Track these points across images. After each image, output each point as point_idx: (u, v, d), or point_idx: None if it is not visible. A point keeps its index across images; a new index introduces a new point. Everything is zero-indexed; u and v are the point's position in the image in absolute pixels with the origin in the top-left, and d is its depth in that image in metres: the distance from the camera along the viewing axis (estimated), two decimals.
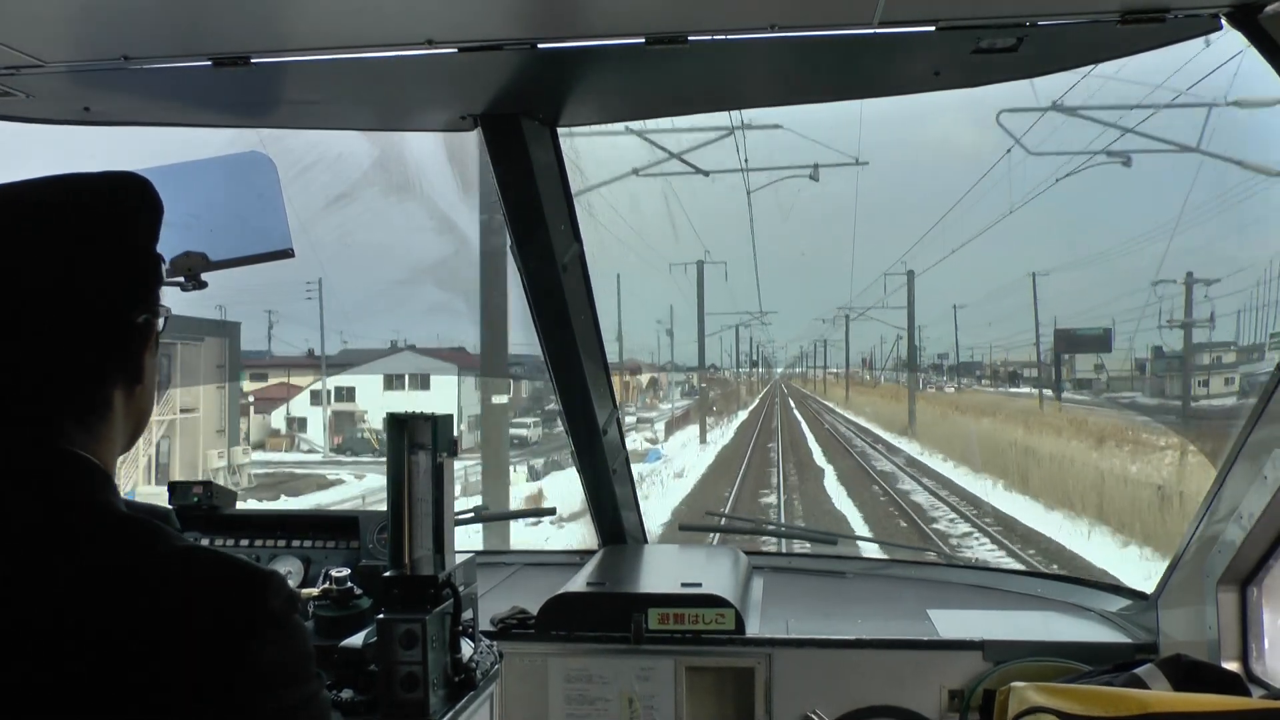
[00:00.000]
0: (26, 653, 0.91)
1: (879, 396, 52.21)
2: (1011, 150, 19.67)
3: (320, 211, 28.45)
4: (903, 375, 49.13)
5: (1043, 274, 41.81)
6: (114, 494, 1.06)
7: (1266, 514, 1.91)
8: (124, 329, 1.09)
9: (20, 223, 1.05)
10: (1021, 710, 1.95)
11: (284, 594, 1.00)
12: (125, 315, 1.09)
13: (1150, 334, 34.48)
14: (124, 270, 1.09)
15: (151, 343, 1.13)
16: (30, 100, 2.08)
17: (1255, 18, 1.65)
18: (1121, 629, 2.48)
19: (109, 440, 1.09)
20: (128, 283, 1.10)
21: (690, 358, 60.48)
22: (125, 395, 1.11)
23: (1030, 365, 45.15)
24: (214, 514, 2.61)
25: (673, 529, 16.45)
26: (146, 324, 1.11)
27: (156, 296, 1.14)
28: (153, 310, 1.12)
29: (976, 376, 56.42)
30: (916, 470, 27.67)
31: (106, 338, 1.08)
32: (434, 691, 1.82)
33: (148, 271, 1.12)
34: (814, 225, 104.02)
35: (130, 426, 1.13)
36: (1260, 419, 1.94)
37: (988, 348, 59.48)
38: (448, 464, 1.96)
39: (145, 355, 1.12)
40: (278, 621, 0.98)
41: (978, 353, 60.76)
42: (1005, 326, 49.53)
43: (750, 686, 2.41)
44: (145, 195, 1.12)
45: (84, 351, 1.06)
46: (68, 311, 1.04)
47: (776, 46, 1.86)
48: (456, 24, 1.76)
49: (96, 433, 1.07)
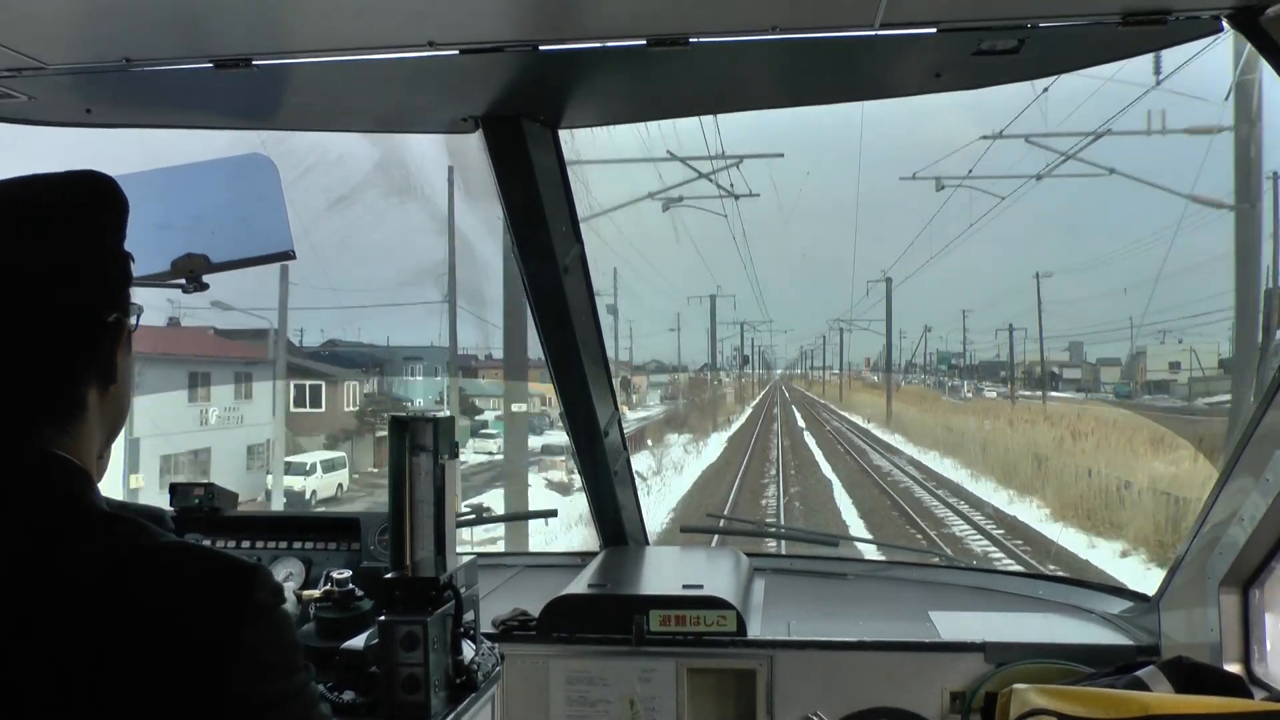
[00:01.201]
0: (16, 651, 0.91)
1: (917, 409, 42.10)
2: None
3: (321, 213, 28.53)
4: (932, 378, 47.98)
5: (1046, 275, 42.42)
6: (95, 492, 1.07)
7: (1268, 516, 1.91)
8: (94, 329, 1.09)
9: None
10: (1023, 712, 1.95)
11: (270, 586, 1.00)
12: (95, 315, 1.09)
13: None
14: (91, 270, 1.09)
15: (124, 342, 1.13)
16: (32, 102, 2.08)
17: (1256, 20, 1.65)
18: (1123, 631, 2.47)
19: (86, 440, 1.09)
20: (96, 283, 1.10)
21: (669, 354, 59.91)
22: (99, 394, 1.11)
23: (1069, 365, 43.79)
24: (215, 516, 2.60)
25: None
26: (117, 323, 1.11)
27: (127, 296, 1.14)
28: (123, 309, 1.13)
29: (1002, 379, 53.25)
30: None
31: (77, 338, 1.08)
32: (435, 693, 1.82)
33: (116, 271, 1.13)
34: (816, 225, 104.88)
35: (107, 425, 1.14)
36: (1262, 421, 1.93)
37: (996, 349, 59.17)
38: (449, 466, 1.96)
39: (118, 354, 1.12)
40: (265, 612, 0.98)
41: (985, 354, 60.37)
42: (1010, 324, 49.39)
43: (751, 688, 2.40)
44: (110, 194, 1.12)
45: (55, 352, 1.06)
46: (36, 313, 1.05)
47: (777, 48, 1.86)
48: (457, 26, 1.76)
49: (73, 432, 1.07)
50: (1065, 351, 56.70)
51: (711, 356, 54.40)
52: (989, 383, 54.49)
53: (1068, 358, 56.81)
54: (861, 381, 71.42)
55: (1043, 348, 43.45)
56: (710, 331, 51.46)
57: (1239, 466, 2.01)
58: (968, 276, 59.25)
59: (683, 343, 65.24)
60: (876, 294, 52.16)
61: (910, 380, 61.92)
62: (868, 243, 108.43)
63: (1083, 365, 56.42)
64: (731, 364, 71.24)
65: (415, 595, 1.86)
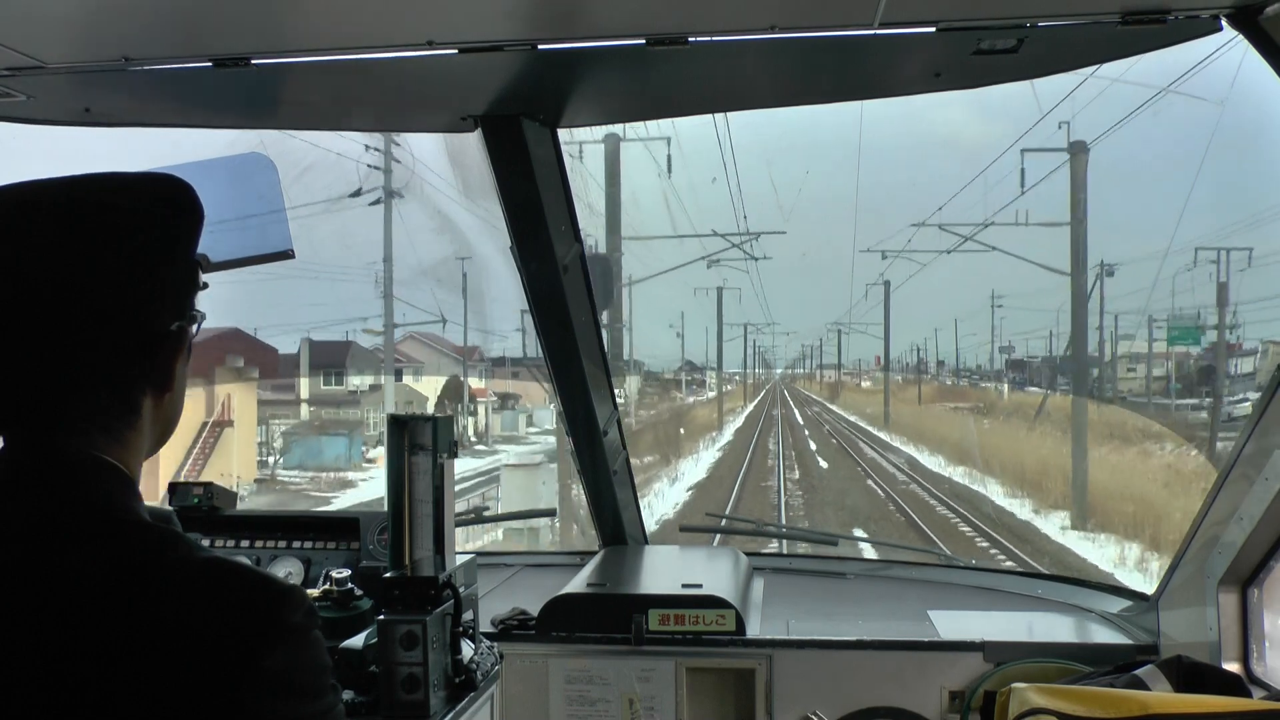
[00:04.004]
0: (39, 656, 0.91)
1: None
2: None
3: (321, 212, 28.51)
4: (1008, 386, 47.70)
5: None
6: (136, 499, 1.05)
7: (1267, 515, 1.91)
8: (157, 336, 1.06)
9: (55, 224, 1.02)
10: (1022, 711, 1.95)
11: (304, 608, 0.99)
12: (159, 322, 1.06)
13: None
14: (162, 276, 1.06)
15: (183, 350, 1.10)
16: (31, 101, 2.08)
17: (1256, 19, 1.64)
18: (1122, 630, 2.48)
19: (135, 446, 1.07)
20: (165, 289, 1.06)
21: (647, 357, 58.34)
22: (154, 402, 1.08)
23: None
24: (214, 515, 2.61)
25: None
26: (180, 331, 1.08)
27: (192, 304, 1.11)
28: (187, 317, 1.10)
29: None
30: None
31: (138, 345, 1.04)
32: (434, 693, 1.82)
33: (186, 278, 1.09)
34: (818, 225, 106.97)
35: (157, 433, 1.11)
36: (1261, 420, 1.93)
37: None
38: (448, 465, 1.96)
39: (176, 363, 1.09)
40: (293, 634, 0.97)
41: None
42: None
43: (751, 687, 2.41)
44: (187, 201, 1.09)
45: (114, 358, 1.03)
46: (99, 316, 1.01)
47: (777, 47, 1.86)
48: (456, 25, 1.76)
49: (123, 439, 1.05)
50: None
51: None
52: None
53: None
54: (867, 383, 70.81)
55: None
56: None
57: (1238, 465, 2.01)
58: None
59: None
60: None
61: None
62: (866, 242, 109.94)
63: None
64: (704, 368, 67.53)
65: (414, 594, 1.86)
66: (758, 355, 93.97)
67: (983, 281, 72.34)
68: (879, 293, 47.59)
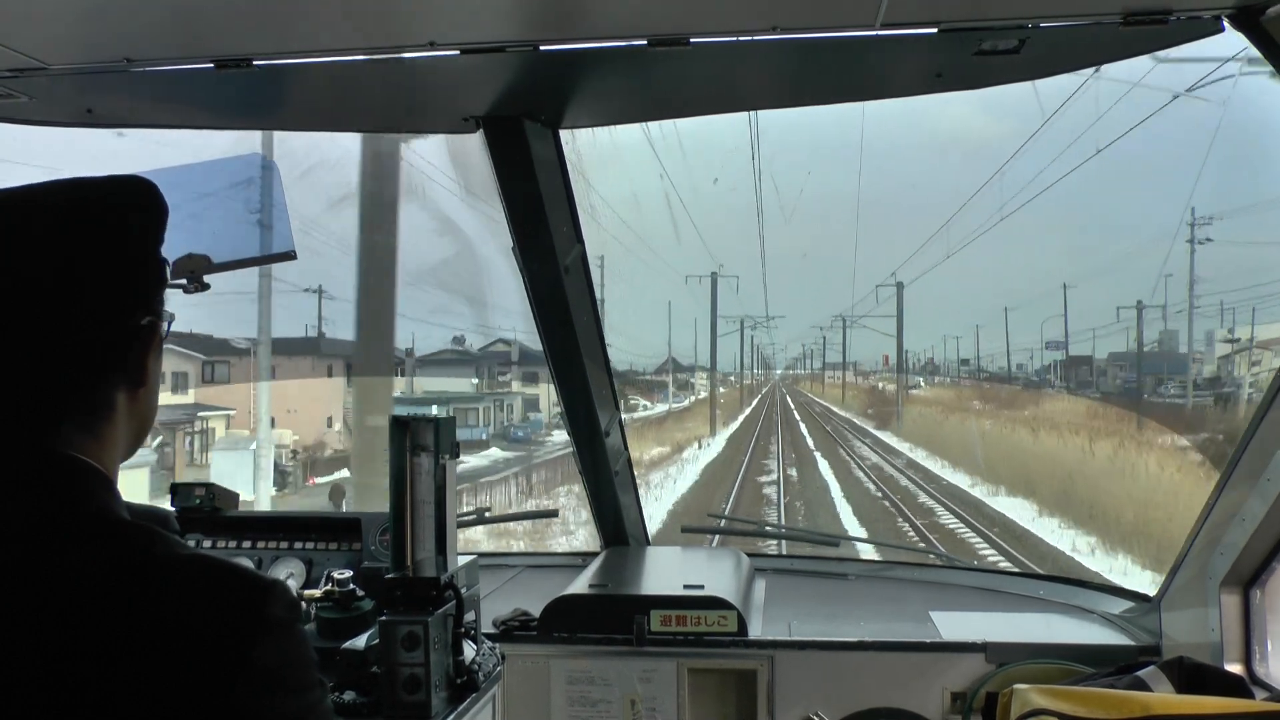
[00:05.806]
0: (24, 656, 0.91)
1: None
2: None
3: (322, 213, 28.53)
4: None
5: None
6: (114, 497, 1.06)
7: (1269, 516, 1.91)
8: (126, 332, 1.08)
9: (23, 225, 1.05)
10: (1024, 712, 1.95)
11: (286, 601, 1.00)
12: (128, 318, 1.08)
13: None
14: (126, 273, 1.09)
15: (155, 346, 1.13)
16: (33, 103, 2.09)
17: (1258, 19, 1.64)
18: (1124, 631, 2.47)
19: (111, 443, 1.09)
20: (130, 285, 1.09)
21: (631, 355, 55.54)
22: (128, 398, 1.10)
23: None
24: (216, 516, 2.60)
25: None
26: (150, 327, 1.11)
27: (160, 299, 1.14)
28: (156, 313, 1.12)
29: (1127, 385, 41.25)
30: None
31: (108, 340, 1.07)
32: (436, 693, 1.82)
33: (150, 274, 1.12)
34: (819, 224, 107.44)
35: (133, 429, 1.13)
36: (1263, 422, 1.93)
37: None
38: (450, 466, 1.96)
39: (148, 358, 1.12)
40: (279, 628, 0.97)
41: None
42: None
43: (752, 688, 2.40)
44: (149, 199, 1.12)
45: (85, 354, 1.06)
46: (69, 314, 1.04)
47: (778, 48, 1.86)
48: (458, 26, 1.76)
49: (99, 435, 1.07)
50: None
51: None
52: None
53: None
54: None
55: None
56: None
57: (1240, 467, 2.01)
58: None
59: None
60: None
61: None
62: (870, 243, 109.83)
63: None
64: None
65: (416, 595, 1.86)
66: (756, 354, 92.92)
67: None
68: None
